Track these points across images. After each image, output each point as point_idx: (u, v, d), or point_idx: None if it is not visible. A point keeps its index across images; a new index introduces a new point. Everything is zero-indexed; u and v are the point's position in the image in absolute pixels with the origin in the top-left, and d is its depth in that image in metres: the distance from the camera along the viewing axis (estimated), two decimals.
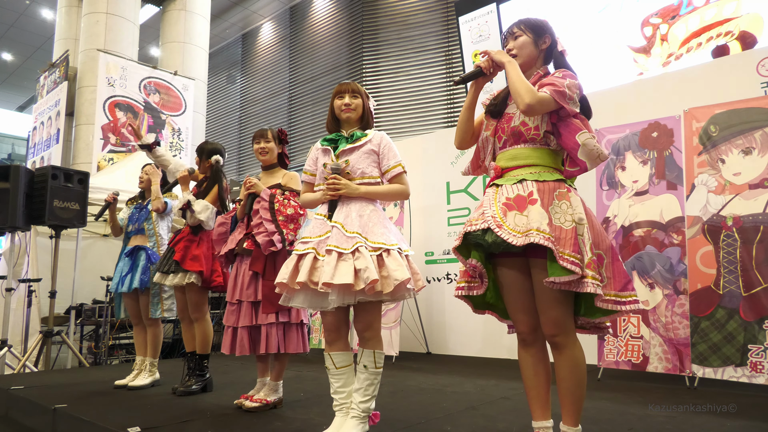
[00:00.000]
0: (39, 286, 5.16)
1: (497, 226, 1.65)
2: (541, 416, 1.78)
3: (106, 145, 8.09)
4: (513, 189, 1.73)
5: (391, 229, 2.16)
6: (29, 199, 4.66)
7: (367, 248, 2.02)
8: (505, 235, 1.62)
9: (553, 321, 1.69)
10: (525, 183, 1.73)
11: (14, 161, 18.03)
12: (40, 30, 13.44)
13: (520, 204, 1.69)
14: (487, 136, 1.90)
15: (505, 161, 1.83)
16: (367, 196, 2.17)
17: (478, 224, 1.69)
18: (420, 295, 5.45)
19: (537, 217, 1.63)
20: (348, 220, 2.10)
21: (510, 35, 1.90)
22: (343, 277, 1.95)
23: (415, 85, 9.33)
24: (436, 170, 5.65)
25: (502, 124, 1.85)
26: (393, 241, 2.08)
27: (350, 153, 2.22)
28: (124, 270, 3.55)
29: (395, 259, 2.04)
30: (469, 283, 1.80)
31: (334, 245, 2.02)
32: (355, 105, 2.27)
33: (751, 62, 3.98)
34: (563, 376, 1.70)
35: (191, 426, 2.44)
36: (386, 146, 2.24)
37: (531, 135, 1.78)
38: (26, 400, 3.16)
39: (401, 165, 2.24)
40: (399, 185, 2.24)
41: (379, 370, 2.11)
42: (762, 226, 3.11)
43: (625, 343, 3.54)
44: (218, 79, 13.59)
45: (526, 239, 1.59)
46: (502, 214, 1.68)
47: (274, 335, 2.68)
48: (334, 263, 1.98)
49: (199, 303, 3.24)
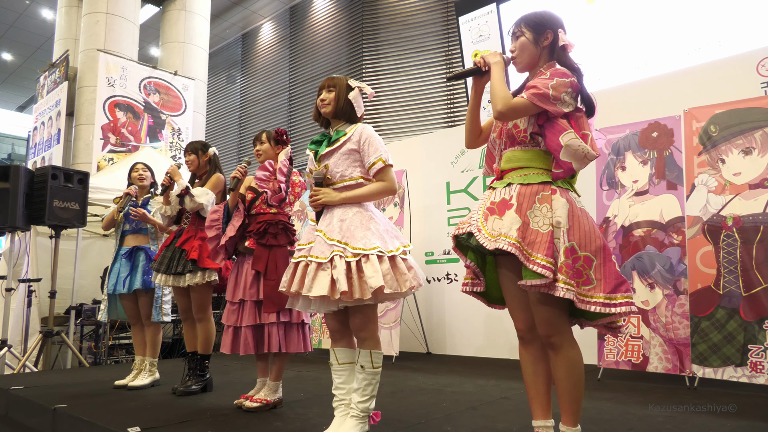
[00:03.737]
0: (39, 286, 5.16)
1: (477, 230, 1.73)
2: (542, 415, 1.78)
3: (106, 145, 8.09)
4: (501, 193, 1.78)
5: (376, 229, 2.09)
6: (29, 199, 4.66)
7: (345, 256, 2.01)
8: (481, 240, 1.70)
9: (545, 321, 1.70)
10: (511, 187, 1.76)
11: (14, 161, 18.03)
12: (40, 30, 13.44)
13: (502, 208, 1.73)
14: (494, 138, 1.92)
15: (504, 163, 1.86)
16: (347, 201, 2.14)
17: (464, 228, 1.78)
18: (420, 295, 5.45)
19: (507, 223, 1.68)
20: (329, 228, 2.10)
21: (512, 35, 1.89)
22: (320, 289, 1.98)
23: (415, 85, 9.32)
24: (436, 170, 5.65)
25: (505, 125, 1.86)
26: (373, 245, 2.03)
27: (329, 157, 2.20)
28: (122, 271, 3.53)
29: (372, 265, 1.99)
30: (473, 281, 1.87)
31: (315, 255, 2.05)
32: (329, 99, 2.21)
33: (751, 62, 3.99)
34: (560, 376, 1.70)
35: (191, 426, 2.44)
36: (366, 141, 2.15)
37: (521, 137, 1.79)
38: (26, 400, 3.16)
39: (382, 159, 2.14)
40: (381, 183, 2.16)
41: (377, 370, 2.10)
42: (762, 226, 3.11)
43: (625, 343, 3.54)
44: (218, 79, 13.58)
45: (495, 244, 1.66)
46: (483, 218, 1.76)
47: (276, 335, 2.68)
48: (312, 274, 2.02)
49: (204, 303, 3.23)
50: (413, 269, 2.11)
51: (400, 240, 2.16)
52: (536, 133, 1.77)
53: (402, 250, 2.11)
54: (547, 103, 1.69)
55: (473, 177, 5.34)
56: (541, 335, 1.74)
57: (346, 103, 2.22)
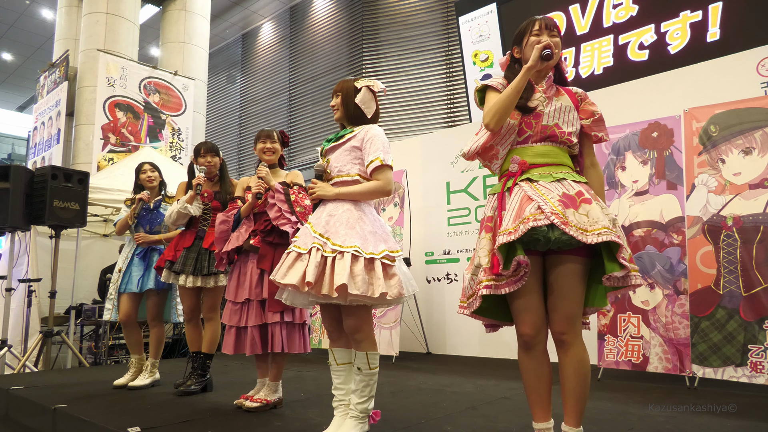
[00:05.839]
0: (39, 286, 5.16)
1: (563, 223, 1.60)
2: (543, 418, 1.77)
3: (106, 145, 8.09)
4: (555, 187, 1.71)
5: (361, 229, 2.07)
6: (29, 199, 4.66)
7: (323, 250, 2.02)
8: (573, 232, 1.60)
9: (565, 316, 1.69)
10: (566, 182, 1.73)
11: (14, 161, 18.02)
12: (40, 30, 13.44)
13: (572, 202, 1.67)
14: (513, 125, 1.81)
15: (532, 157, 1.80)
16: (340, 197, 2.15)
17: (542, 219, 1.61)
18: (420, 295, 5.45)
19: (601, 216, 1.64)
20: (317, 221, 2.13)
21: (548, 29, 1.84)
22: (292, 278, 1.99)
23: (415, 85, 9.33)
24: (436, 170, 5.65)
25: (530, 119, 1.82)
26: (351, 243, 2.00)
27: (332, 151, 2.24)
28: (135, 271, 3.53)
29: (343, 263, 1.97)
30: (497, 282, 1.67)
31: (297, 246, 2.08)
32: (336, 104, 2.28)
33: (751, 62, 3.98)
34: (568, 375, 1.70)
35: (191, 426, 2.44)
36: (368, 140, 2.15)
37: (563, 138, 1.82)
38: (26, 400, 3.16)
39: (380, 159, 2.11)
40: (375, 182, 2.14)
41: (374, 371, 2.10)
42: (762, 226, 3.11)
43: (625, 343, 3.54)
44: (218, 79, 13.58)
45: (599, 238, 1.59)
46: (562, 209, 1.63)
47: (279, 334, 2.68)
48: (290, 263, 2.04)
49: (216, 304, 3.25)
50: (396, 277, 2.02)
51: (388, 244, 2.09)
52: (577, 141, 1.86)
53: (386, 254, 2.04)
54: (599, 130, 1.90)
55: (473, 177, 5.34)
56: (554, 332, 1.72)
57: (355, 108, 2.24)
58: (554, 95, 1.85)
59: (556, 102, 1.83)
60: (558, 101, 1.84)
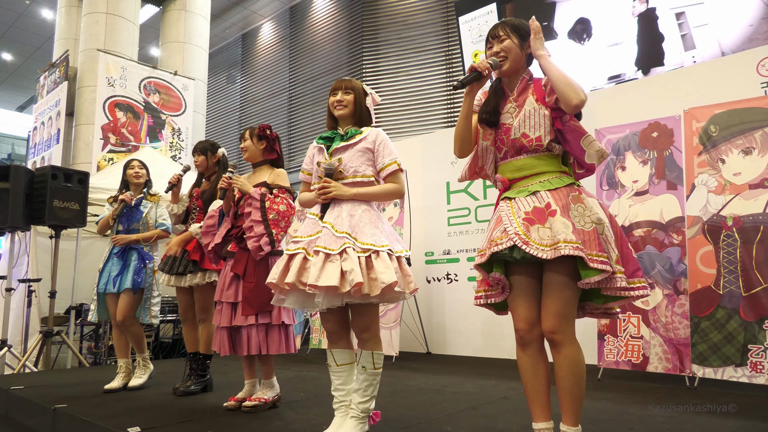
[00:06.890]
0: (39, 286, 5.16)
1: (524, 243, 1.66)
2: (542, 418, 1.77)
3: (106, 145, 8.10)
4: (528, 202, 1.75)
5: (384, 230, 2.11)
6: (29, 199, 4.65)
7: (355, 249, 2.00)
8: (533, 251, 1.65)
9: (554, 314, 1.70)
10: (539, 194, 1.75)
11: (14, 161, 18.03)
12: (40, 30, 13.44)
13: (540, 217, 1.70)
14: (487, 146, 1.88)
15: (511, 173, 1.84)
16: (357, 197, 2.14)
17: (504, 242, 1.70)
18: (420, 295, 5.45)
19: (561, 228, 1.65)
20: (338, 221, 2.08)
21: (495, 38, 1.86)
22: (329, 279, 1.93)
23: (415, 85, 9.33)
24: (436, 170, 5.64)
25: (500, 134, 1.85)
26: (383, 242, 2.04)
27: (344, 151, 2.19)
28: (113, 270, 3.50)
29: (383, 261, 2.00)
30: (487, 293, 1.86)
31: (323, 246, 2.01)
32: (346, 101, 2.22)
33: (751, 62, 3.98)
34: (562, 375, 1.70)
35: (191, 426, 2.44)
36: (381, 143, 2.18)
37: (533, 146, 1.79)
38: (26, 400, 3.16)
39: (397, 163, 2.17)
40: (392, 184, 2.18)
41: (378, 371, 2.10)
42: (762, 226, 3.11)
43: (625, 343, 3.54)
44: (218, 79, 13.59)
45: (556, 252, 1.63)
46: (525, 229, 1.69)
47: (255, 336, 2.67)
48: (320, 264, 1.98)
49: (207, 304, 3.23)
50: (411, 274, 2.15)
51: (402, 244, 2.18)
52: (554, 140, 1.80)
53: (405, 254, 2.13)
54: None
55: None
56: (545, 331, 1.73)
57: (365, 110, 2.26)
58: (525, 99, 1.83)
59: (526, 107, 1.81)
60: (527, 106, 1.82)
